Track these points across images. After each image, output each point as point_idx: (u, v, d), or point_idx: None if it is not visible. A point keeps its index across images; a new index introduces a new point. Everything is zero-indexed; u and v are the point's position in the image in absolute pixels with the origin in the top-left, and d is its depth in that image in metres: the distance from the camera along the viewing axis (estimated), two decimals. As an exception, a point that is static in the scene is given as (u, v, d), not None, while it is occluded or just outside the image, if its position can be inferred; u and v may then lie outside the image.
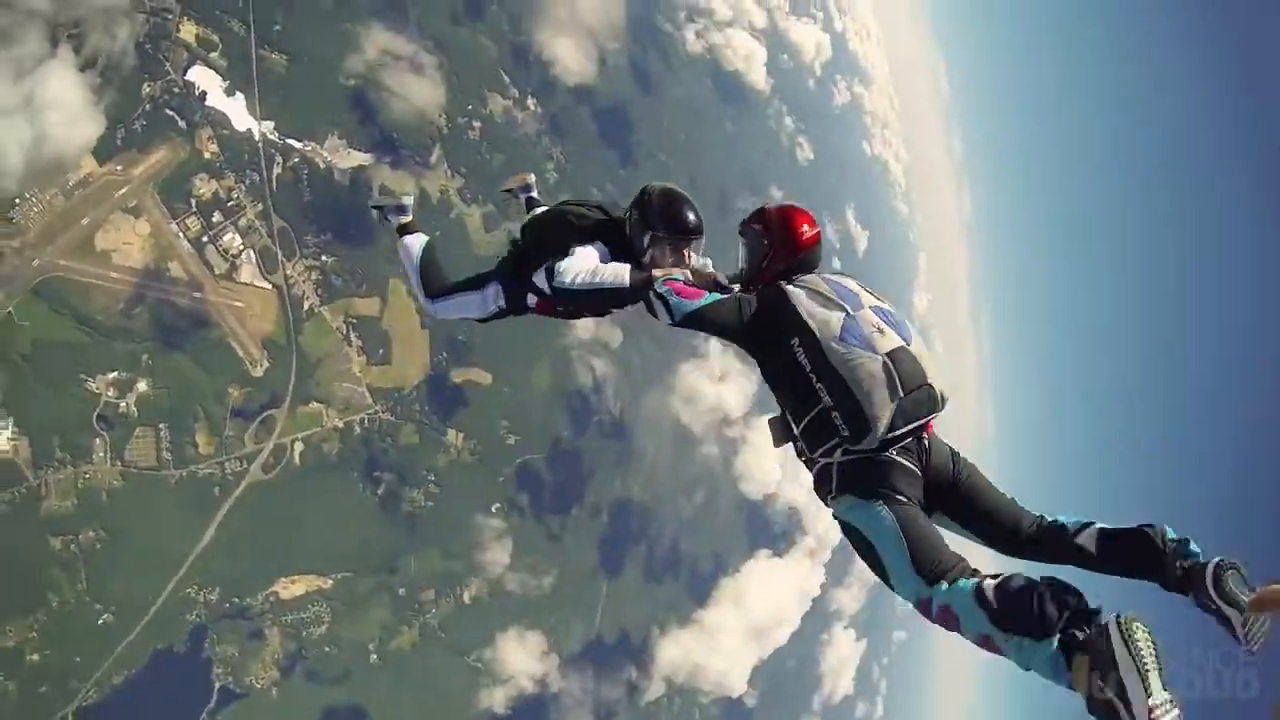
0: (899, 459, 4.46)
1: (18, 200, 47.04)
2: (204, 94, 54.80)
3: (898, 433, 4.38)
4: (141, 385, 50.83)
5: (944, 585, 3.96)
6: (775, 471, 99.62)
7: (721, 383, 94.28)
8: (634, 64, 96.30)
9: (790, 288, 5.00)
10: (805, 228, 5.56)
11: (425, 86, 68.11)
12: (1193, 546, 3.89)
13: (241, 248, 55.98)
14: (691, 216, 6.14)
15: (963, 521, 4.61)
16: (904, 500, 4.35)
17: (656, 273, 5.68)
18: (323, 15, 62.66)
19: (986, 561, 4.23)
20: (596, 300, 6.20)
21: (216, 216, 54.81)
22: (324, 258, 60.41)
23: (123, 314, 50.69)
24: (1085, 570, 4.17)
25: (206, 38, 55.53)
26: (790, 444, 5.18)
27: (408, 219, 8.17)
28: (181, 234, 53.41)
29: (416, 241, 7.89)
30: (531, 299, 6.90)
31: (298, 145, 59.45)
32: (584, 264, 5.76)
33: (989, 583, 3.81)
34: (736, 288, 5.73)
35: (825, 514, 4.77)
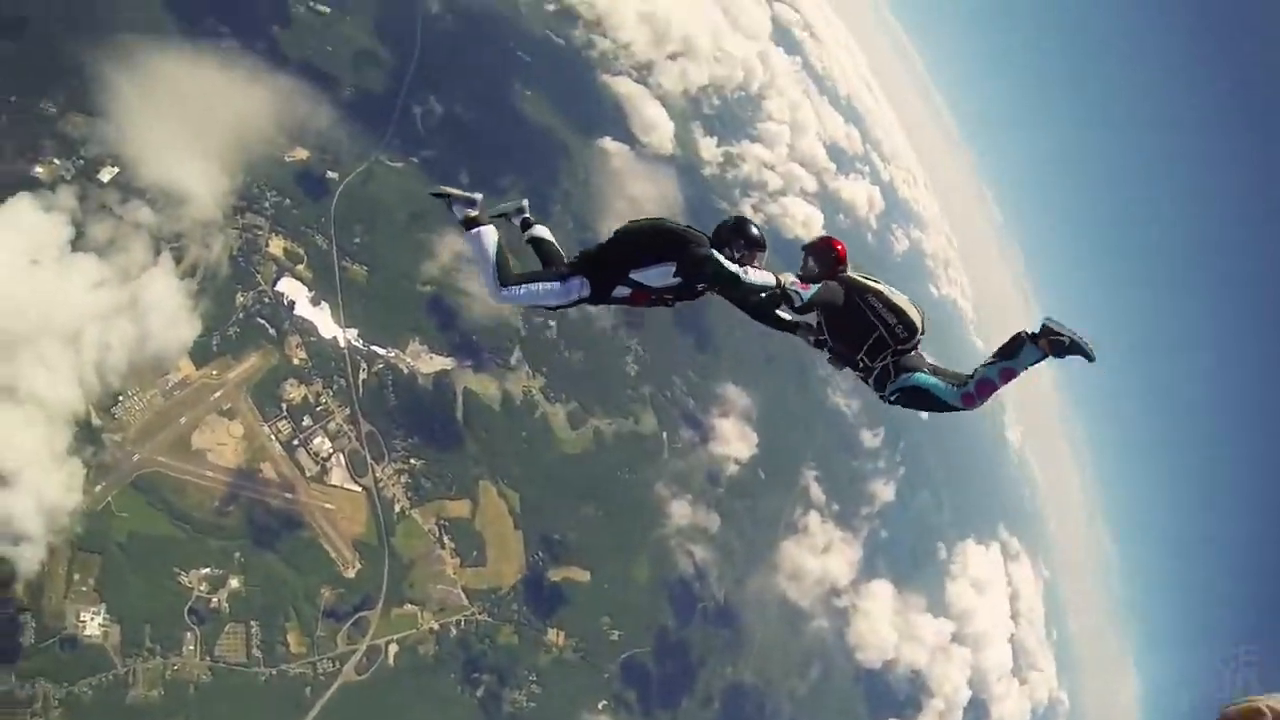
0: (914, 350, 8.56)
1: (120, 397, 49.38)
2: (292, 304, 57.73)
3: (924, 334, 8.66)
4: (234, 582, 51.14)
5: (970, 383, 8.19)
6: (891, 635, 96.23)
7: (825, 554, 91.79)
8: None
9: (849, 274, 8.72)
10: (843, 247, 8.88)
11: (497, 288, 68.79)
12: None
13: (331, 451, 56.88)
14: (760, 234, 8.76)
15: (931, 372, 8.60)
16: (924, 364, 8.59)
17: (782, 277, 8.49)
18: (398, 227, 65.70)
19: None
20: (729, 294, 8.66)
21: (306, 420, 56.23)
22: (412, 461, 60.58)
23: (217, 512, 51.73)
24: None
25: (294, 251, 59.31)
26: (849, 367, 8.75)
27: (475, 213, 8.93)
28: (274, 436, 54.94)
29: (489, 234, 8.77)
30: (623, 290, 8.63)
31: (382, 352, 61.09)
32: (739, 267, 8.31)
33: (989, 362, 8.23)
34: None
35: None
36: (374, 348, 60.46)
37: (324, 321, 58.40)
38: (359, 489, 57.53)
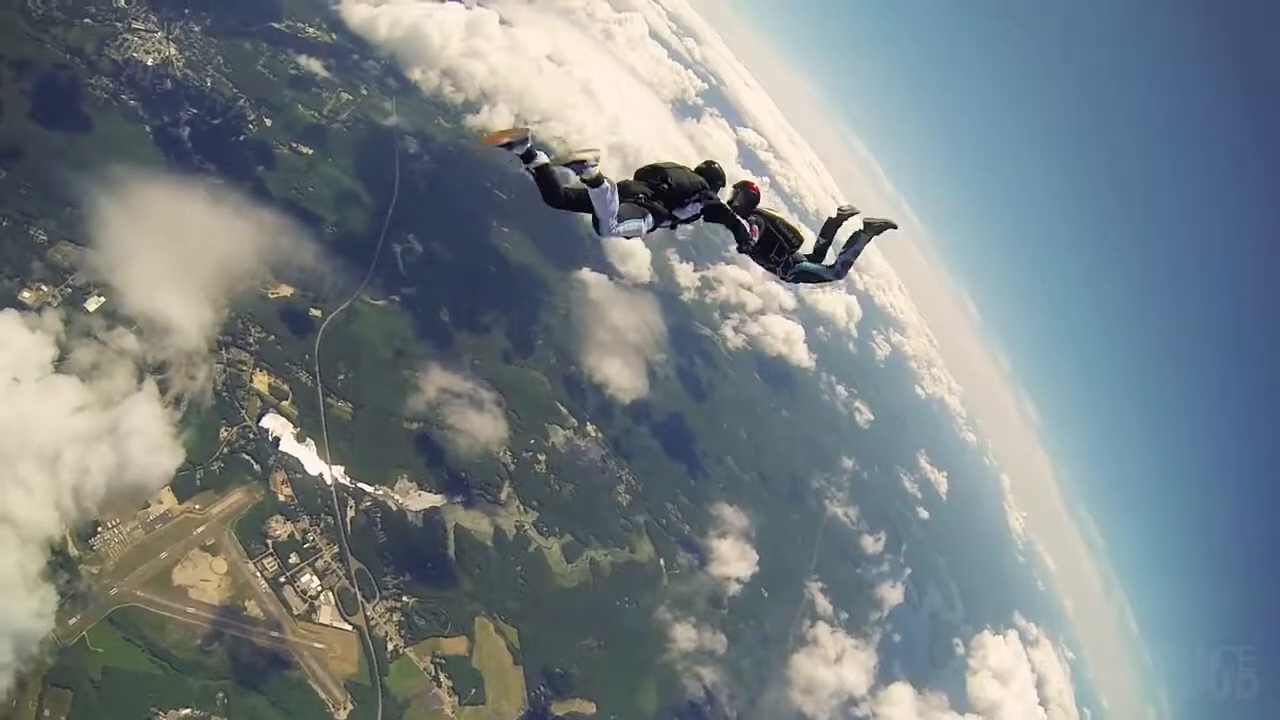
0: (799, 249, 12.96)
1: (99, 528, 48.39)
2: (277, 439, 57.49)
3: (805, 239, 13.08)
4: (216, 725, 48.63)
5: (837, 267, 13.36)
6: None
7: (839, 664, 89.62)
8: (682, 372, 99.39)
9: (762, 208, 12.97)
10: (758, 190, 12.98)
11: (487, 422, 69.81)
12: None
13: (320, 589, 55.50)
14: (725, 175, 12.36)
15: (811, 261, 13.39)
16: (804, 258, 13.09)
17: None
18: (383, 364, 66.32)
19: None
20: (718, 218, 12.53)
21: (293, 558, 55.11)
22: (405, 598, 59.18)
23: (199, 650, 50.00)
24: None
25: (278, 387, 59.51)
26: (764, 263, 13.00)
27: (596, 170, 10.10)
28: (259, 573, 53.69)
29: (610, 186, 10.54)
30: (665, 221, 11.72)
31: (369, 489, 60.46)
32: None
33: (842, 252, 13.24)
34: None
35: None
36: (361, 485, 59.87)
37: (310, 458, 57.97)
38: (349, 627, 55.95)
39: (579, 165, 9.93)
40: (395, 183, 77.83)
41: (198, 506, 51.91)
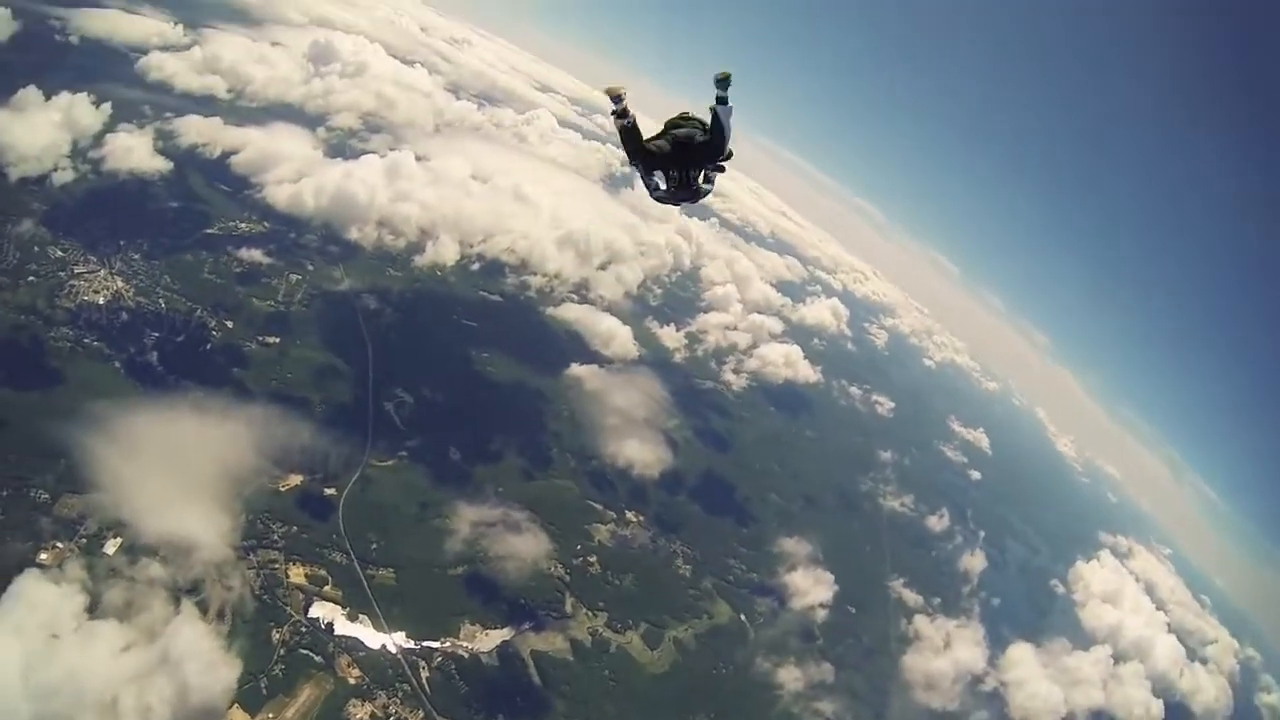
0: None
1: None
2: (330, 625, 56.58)
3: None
4: None
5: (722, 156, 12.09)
6: (1055, 691, 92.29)
7: (949, 650, 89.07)
8: (699, 431, 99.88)
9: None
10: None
11: (528, 542, 69.61)
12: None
13: None
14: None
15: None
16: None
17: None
18: (410, 521, 66.22)
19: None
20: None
21: None
22: None
23: None
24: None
25: (315, 574, 58.81)
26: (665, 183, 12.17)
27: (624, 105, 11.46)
28: None
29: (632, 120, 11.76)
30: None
31: (435, 645, 59.48)
32: None
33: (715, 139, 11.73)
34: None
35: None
36: (427, 643, 59.02)
37: (368, 634, 57.27)
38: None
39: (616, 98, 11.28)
40: (367, 344, 78.92)
41: (271, 715, 50.64)
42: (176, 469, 57.80)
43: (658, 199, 12.43)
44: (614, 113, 11.34)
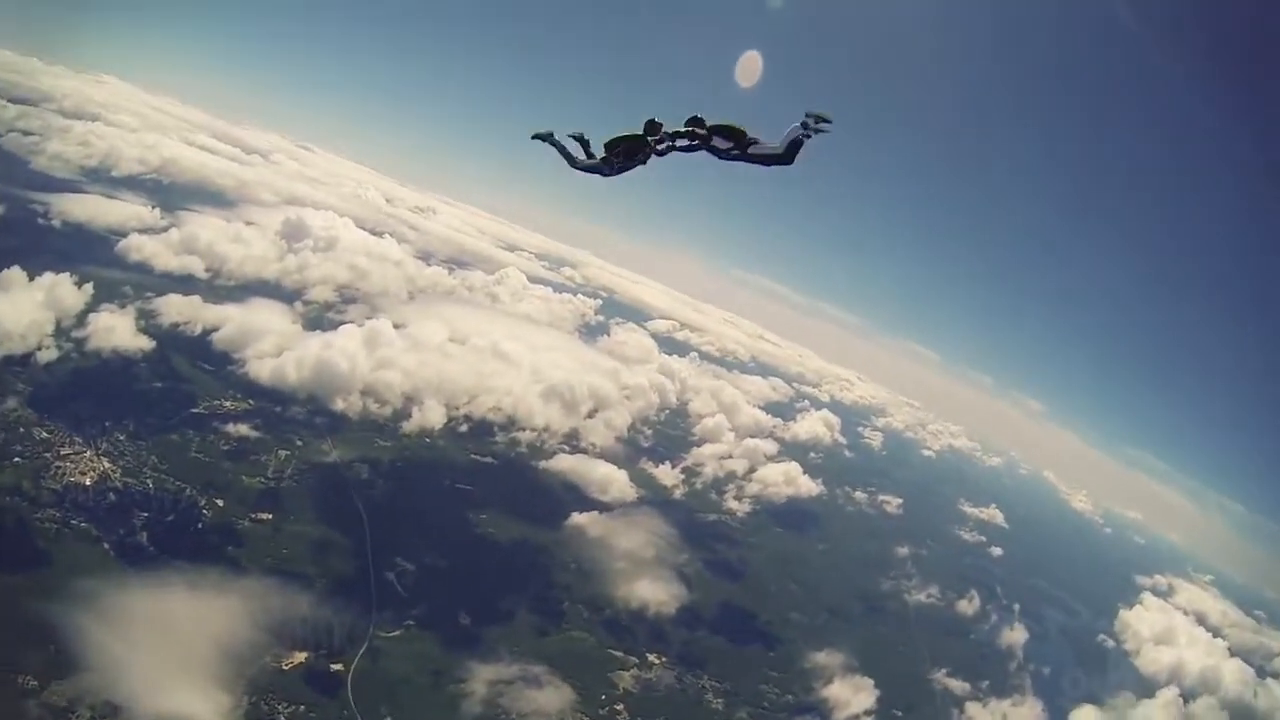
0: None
1: None
2: None
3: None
4: None
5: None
6: None
7: None
8: (709, 564, 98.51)
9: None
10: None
11: (550, 696, 67.40)
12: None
13: None
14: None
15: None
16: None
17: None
18: (423, 690, 63.85)
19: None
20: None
21: None
22: None
23: None
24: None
25: None
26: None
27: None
28: None
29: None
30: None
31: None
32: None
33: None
34: None
35: None
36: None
37: None
38: None
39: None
40: (362, 515, 78.26)
41: None
42: (172, 647, 55.96)
43: (583, 168, 12.94)
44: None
